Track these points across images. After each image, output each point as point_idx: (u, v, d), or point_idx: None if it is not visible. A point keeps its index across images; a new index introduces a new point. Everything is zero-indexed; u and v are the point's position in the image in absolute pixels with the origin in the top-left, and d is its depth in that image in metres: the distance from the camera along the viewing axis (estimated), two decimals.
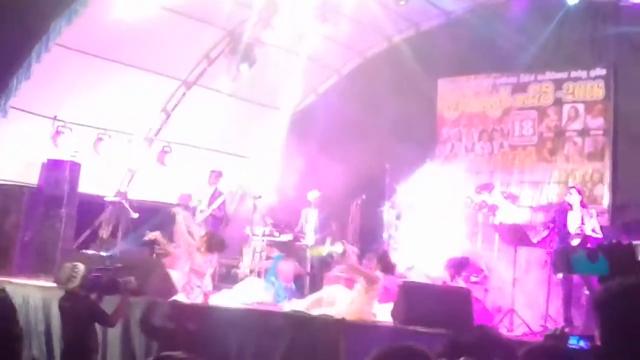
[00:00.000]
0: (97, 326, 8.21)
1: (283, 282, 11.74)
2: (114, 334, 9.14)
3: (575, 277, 10.97)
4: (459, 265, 10.94)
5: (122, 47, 13.35)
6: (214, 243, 10.89)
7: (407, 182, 13.81)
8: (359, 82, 16.15)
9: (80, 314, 7.97)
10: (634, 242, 12.13)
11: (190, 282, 10.43)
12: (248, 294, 10.91)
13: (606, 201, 13.78)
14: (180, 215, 11.57)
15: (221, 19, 13.81)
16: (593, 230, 10.98)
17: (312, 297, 10.29)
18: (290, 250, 13.36)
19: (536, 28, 13.82)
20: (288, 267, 12.09)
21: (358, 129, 15.33)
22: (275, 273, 12.04)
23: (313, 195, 14.40)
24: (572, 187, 12.15)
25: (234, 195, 16.76)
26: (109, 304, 8.32)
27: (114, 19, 12.55)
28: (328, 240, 13.88)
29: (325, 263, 13.96)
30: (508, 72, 15.14)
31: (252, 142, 17.08)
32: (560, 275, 10.38)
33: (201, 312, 9.36)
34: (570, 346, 3.22)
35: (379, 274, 9.75)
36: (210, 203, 14.22)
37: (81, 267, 8.23)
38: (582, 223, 11.00)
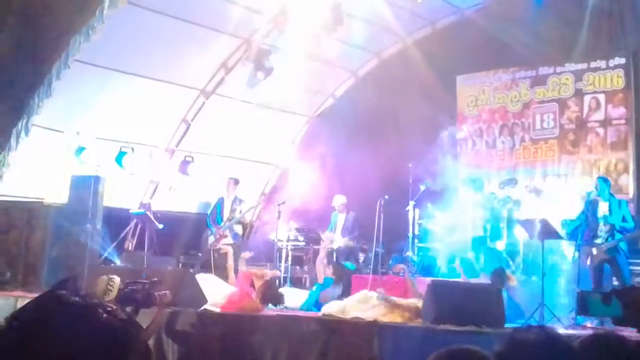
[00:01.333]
0: None
1: None
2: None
3: (606, 268, 10.94)
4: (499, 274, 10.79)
5: (139, 60, 13.44)
6: (270, 296, 10.28)
7: (431, 181, 13.80)
8: (377, 84, 16.13)
9: None
10: None
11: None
12: None
13: (631, 190, 13.69)
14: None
15: (236, 28, 13.86)
16: (623, 219, 10.89)
17: (345, 301, 10.23)
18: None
19: (553, 20, 13.75)
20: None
21: (377, 130, 15.32)
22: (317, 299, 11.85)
23: (338, 200, 14.36)
24: (598, 177, 12.08)
25: (257, 201, 16.80)
26: (142, 316, 8.35)
27: (131, 32, 12.66)
28: None
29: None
30: (527, 66, 15.09)
31: (273, 148, 17.14)
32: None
33: (232, 320, 9.38)
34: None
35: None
36: (231, 211, 14.22)
37: (117, 279, 8.25)
38: (610, 213, 10.92)
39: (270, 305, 10.14)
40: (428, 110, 14.63)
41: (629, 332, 7.18)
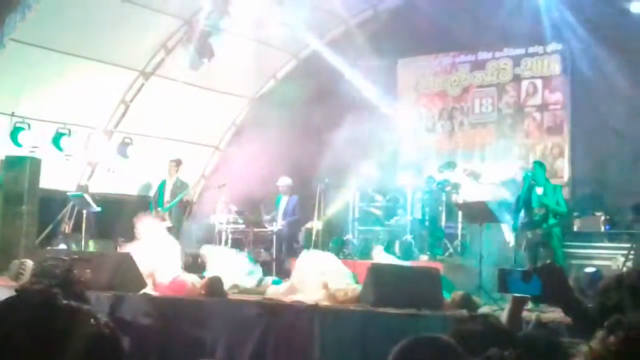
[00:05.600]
0: None
1: None
2: None
3: (540, 251, 11.17)
4: None
5: (77, 40, 13.16)
6: (215, 290, 9.76)
7: (373, 165, 13.90)
8: (318, 66, 16.10)
9: None
10: (597, 214, 12.54)
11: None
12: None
13: (566, 174, 13.98)
14: None
15: (178, 8, 13.67)
16: (557, 204, 11.12)
17: (286, 284, 10.24)
18: None
19: (492, 5, 13.87)
20: None
21: (318, 113, 15.31)
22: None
23: (283, 181, 14.40)
24: (534, 161, 12.29)
25: (196, 183, 16.72)
26: None
27: (69, 11, 12.40)
28: None
29: (291, 248, 14.01)
30: (466, 51, 15.25)
31: (214, 130, 17.03)
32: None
33: (172, 304, 9.32)
34: None
35: None
36: (173, 193, 14.12)
37: (29, 263, 8.10)
38: (546, 197, 11.12)
39: None
40: (369, 93, 14.70)
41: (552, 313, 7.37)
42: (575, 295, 3.15)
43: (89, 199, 13.97)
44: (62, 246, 13.29)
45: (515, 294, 3.12)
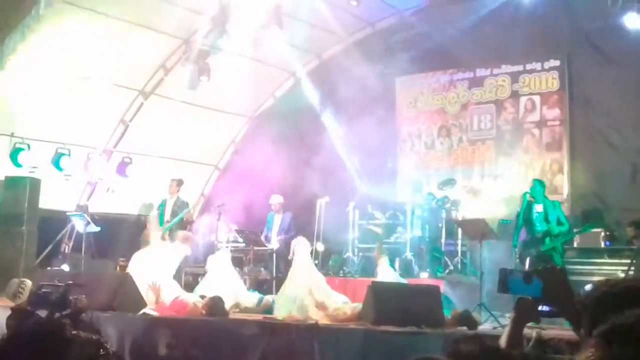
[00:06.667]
0: None
1: None
2: None
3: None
4: None
5: (77, 60, 13.21)
6: (217, 310, 9.70)
7: (372, 182, 13.92)
8: (317, 84, 16.15)
9: None
10: (594, 230, 12.52)
11: None
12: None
13: (565, 190, 13.98)
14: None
15: (176, 28, 13.73)
16: (558, 221, 11.11)
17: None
18: None
19: (490, 22, 13.93)
20: None
21: (317, 131, 15.35)
22: None
23: (275, 200, 14.40)
24: (534, 179, 12.31)
25: (196, 202, 16.72)
26: None
27: (68, 32, 12.46)
28: None
29: (290, 266, 13.96)
30: (464, 68, 15.29)
31: (213, 148, 17.06)
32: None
33: (173, 325, 9.29)
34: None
35: None
36: (173, 212, 14.12)
37: (28, 283, 8.06)
38: (546, 215, 11.13)
39: None
40: (368, 111, 14.72)
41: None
42: (575, 298, 3.14)
43: (89, 219, 13.97)
44: (65, 267, 13.26)
45: (518, 295, 3.09)
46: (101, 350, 1.81)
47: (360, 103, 14.68)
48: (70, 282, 8.23)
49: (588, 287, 2.71)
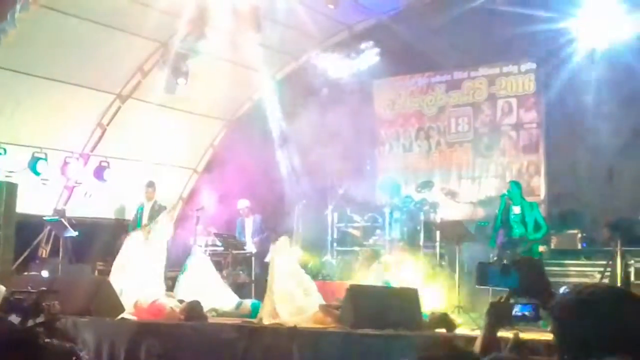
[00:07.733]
0: None
1: None
2: None
3: None
4: None
5: (53, 63, 13.15)
6: (194, 314, 9.79)
7: (351, 185, 13.92)
8: (295, 87, 16.15)
9: None
10: (570, 232, 12.61)
11: None
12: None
13: (542, 192, 14.07)
14: None
15: (154, 31, 13.66)
16: (536, 223, 11.19)
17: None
18: None
19: (467, 25, 13.98)
20: None
21: (295, 134, 15.34)
22: None
23: (242, 204, 14.51)
24: (511, 181, 12.39)
25: (175, 206, 16.66)
26: None
27: (44, 35, 12.38)
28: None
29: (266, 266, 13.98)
30: (442, 71, 15.34)
31: (191, 152, 17.01)
32: None
33: (151, 329, 9.26)
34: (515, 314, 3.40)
35: None
36: (151, 217, 14.04)
37: (2, 289, 8.00)
38: (523, 217, 11.21)
39: None
40: (345, 114, 14.73)
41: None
42: (551, 288, 3.17)
43: (66, 223, 13.89)
44: (44, 272, 13.14)
45: (496, 287, 3.11)
46: (74, 358, 1.81)
47: (337, 106, 14.68)
48: (44, 288, 8.19)
49: (563, 289, 2.73)
